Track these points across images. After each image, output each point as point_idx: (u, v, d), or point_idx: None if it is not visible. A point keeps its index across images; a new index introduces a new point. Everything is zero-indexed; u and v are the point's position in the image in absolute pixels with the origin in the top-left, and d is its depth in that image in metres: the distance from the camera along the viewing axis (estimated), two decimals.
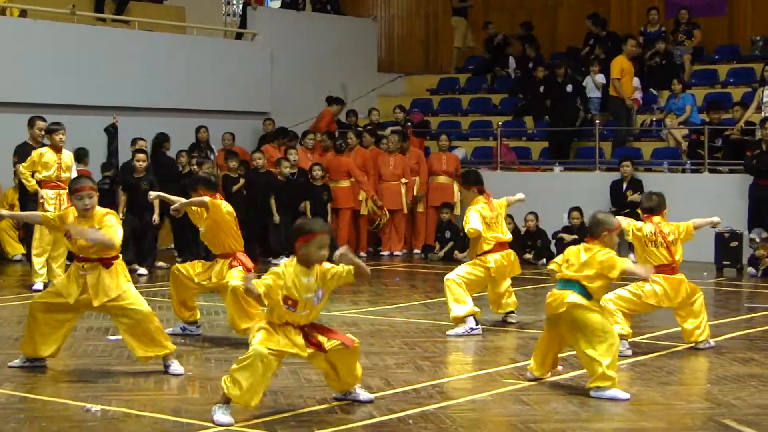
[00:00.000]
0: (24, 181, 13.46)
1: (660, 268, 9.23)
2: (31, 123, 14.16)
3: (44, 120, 14.07)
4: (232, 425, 6.77)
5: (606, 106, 19.76)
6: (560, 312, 7.79)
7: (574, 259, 7.91)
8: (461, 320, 10.29)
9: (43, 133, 13.93)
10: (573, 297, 7.76)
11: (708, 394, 7.80)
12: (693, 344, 9.52)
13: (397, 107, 20.76)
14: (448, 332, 10.25)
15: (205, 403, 7.34)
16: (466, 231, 10.56)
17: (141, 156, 15.43)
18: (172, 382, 8.09)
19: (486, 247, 10.50)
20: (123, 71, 18.62)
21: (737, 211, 16.29)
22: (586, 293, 7.79)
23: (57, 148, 13.40)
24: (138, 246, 15.25)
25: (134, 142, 16.30)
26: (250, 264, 9.79)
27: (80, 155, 15.69)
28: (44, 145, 13.66)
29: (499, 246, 10.58)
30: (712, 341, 9.60)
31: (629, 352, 9.12)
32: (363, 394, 7.44)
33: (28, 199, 13.68)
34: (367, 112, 20.97)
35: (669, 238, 9.46)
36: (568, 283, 7.86)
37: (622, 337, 8.85)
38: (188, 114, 19.31)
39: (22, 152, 14.00)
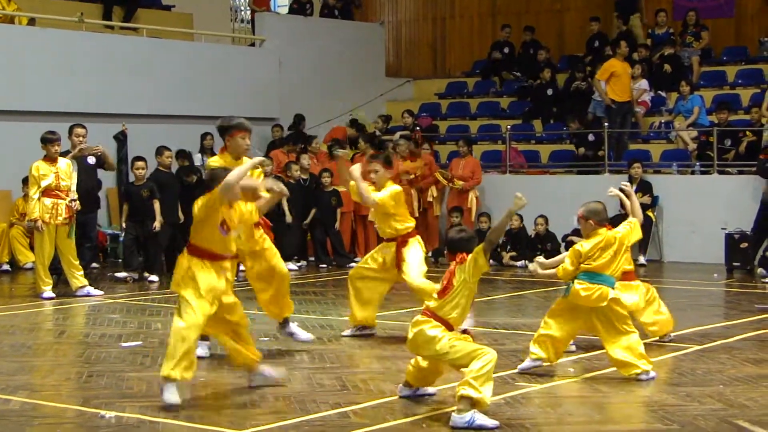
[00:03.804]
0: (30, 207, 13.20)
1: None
2: (69, 131, 14.03)
3: (83, 127, 14.04)
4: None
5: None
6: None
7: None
8: None
9: (80, 139, 13.91)
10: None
11: (720, 395, 7.79)
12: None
13: (406, 112, 20.75)
14: None
15: (218, 408, 7.36)
16: None
17: (140, 164, 15.22)
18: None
19: None
20: (131, 78, 18.64)
21: (747, 213, 16.26)
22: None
23: (52, 159, 13.23)
24: (146, 254, 15.24)
25: (160, 151, 15.81)
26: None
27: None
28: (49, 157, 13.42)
29: None
30: None
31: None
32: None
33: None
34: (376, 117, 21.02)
35: None
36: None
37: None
38: (197, 120, 19.30)
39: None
